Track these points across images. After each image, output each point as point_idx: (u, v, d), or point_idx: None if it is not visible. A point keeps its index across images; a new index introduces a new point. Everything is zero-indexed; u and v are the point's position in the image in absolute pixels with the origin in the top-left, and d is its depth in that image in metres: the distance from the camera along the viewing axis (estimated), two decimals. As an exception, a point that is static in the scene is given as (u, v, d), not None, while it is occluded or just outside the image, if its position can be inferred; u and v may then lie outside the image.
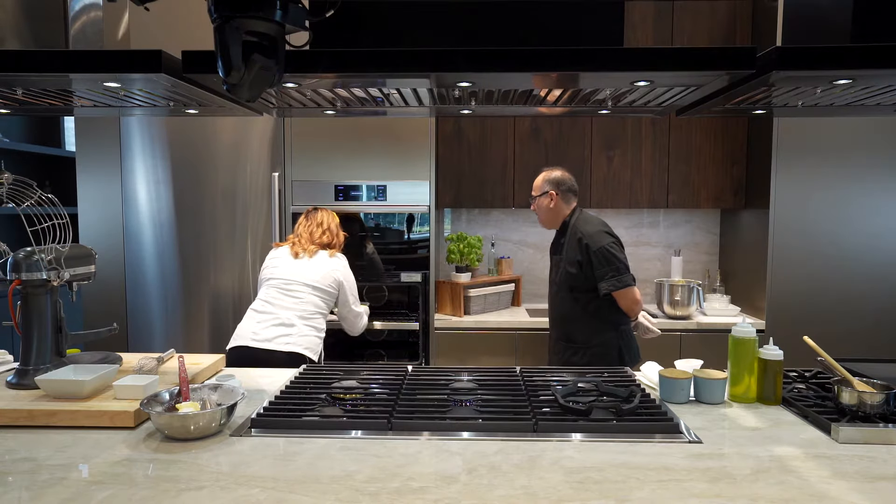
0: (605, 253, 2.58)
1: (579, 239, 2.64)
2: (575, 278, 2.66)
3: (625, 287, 2.58)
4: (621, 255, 2.62)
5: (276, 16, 1.27)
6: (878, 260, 3.27)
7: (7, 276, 1.82)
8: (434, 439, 1.50)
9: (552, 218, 2.79)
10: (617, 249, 2.62)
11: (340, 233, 2.94)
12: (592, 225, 2.68)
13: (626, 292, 2.59)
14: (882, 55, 1.33)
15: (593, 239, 2.61)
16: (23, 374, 1.81)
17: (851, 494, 1.23)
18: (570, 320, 2.72)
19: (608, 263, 2.57)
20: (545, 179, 2.78)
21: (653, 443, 1.49)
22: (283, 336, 2.61)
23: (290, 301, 2.69)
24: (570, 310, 2.72)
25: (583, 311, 2.67)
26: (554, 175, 2.78)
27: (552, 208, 2.76)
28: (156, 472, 1.33)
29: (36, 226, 1.80)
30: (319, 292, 2.74)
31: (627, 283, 2.58)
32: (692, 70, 1.42)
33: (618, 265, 2.58)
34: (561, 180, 2.76)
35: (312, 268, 2.76)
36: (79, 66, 1.42)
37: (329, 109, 1.92)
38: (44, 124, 4.89)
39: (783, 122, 3.23)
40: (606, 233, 2.66)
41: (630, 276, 2.61)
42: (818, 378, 1.97)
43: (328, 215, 2.94)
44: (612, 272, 2.57)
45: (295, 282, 2.72)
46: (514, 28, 1.55)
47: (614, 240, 2.65)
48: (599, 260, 2.58)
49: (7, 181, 1.77)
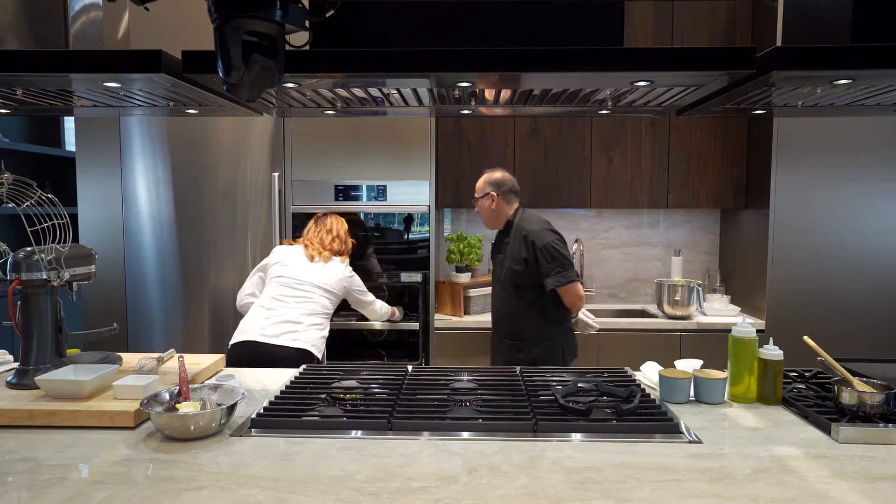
0: (550, 249, 2.64)
1: (525, 237, 2.69)
2: (520, 276, 2.70)
3: (570, 283, 2.63)
4: (566, 252, 2.68)
5: (276, 16, 1.27)
6: (878, 260, 3.27)
7: (7, 276, 1.82)
8: (434, 439, 1.50)
9: (494, 219, 2.85)
10: (561, 246, 2.68)
11: (349, 240, 2.99)
12: (536, 223, 2.74)
13: (571, 288, 2.64)
14: (882, 55, 1.33)
15: (538, 236, 2.67)
16: (23, 374, 1.81)
17: (851, 494, 1.23)
18: (516, 318, 2.76)
19: (553, 260, 2.63)
20: (486, 181, 2.83)
21: (653, 443, 1.49)
22: (290, 332, 2.65)
23: (300, 300, 2.73)
24: (515, 308, 2.76)
25: (528, 309, 2.72)
26: (495, 177, 2.82)
27: (494, 209, 2.81)
28: (156, 472, 1.33)
29: (36, 226, 1.80)
30: (329, 294, 2.81)
31: (572, 278, 2.64)
32: (692, 70, 1.42)
33: (562, 261, 2.64)
34: (501, 181, 2.81)
35: (326, 272, 2.83)
36: (79, 66, 1.42)
37: (329, 109, 1.92)
38: (44, 124, 4.89)
39: (783, 122, 3.23)
40: (551, 230, 2.72)
41: (574, 272, 2.68)
42: (818, 378, 1.97)
43: (337, 222, 2.99)
44: (557, 268, 2.63)
45: (307, 283, 2.77)
46: (514, 28, 1.55)
47: (558, 237, 2.71)
48: (545, 256, 2.64)
49: (7, 181, 1.77)
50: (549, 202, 3.68)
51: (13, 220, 3.92)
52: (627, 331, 3.41)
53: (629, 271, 4.03)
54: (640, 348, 3.35)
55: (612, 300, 4.03)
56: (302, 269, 2.81)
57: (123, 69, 1.41)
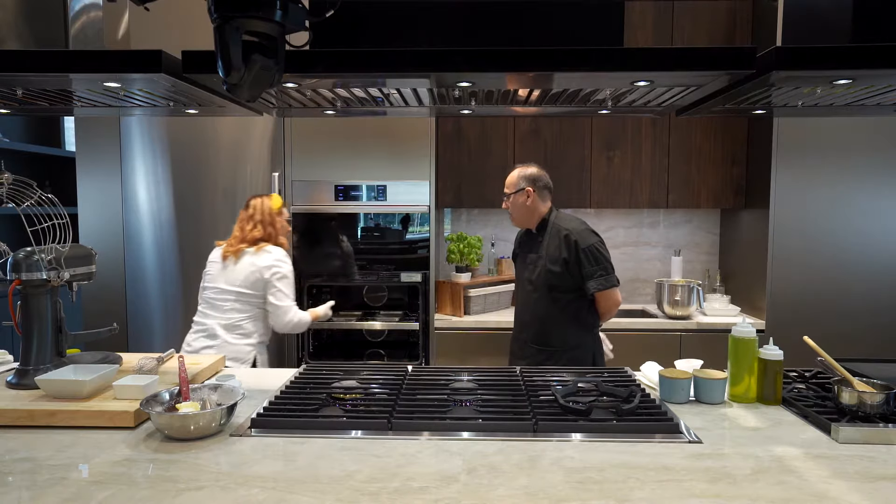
0: (594, 251, 2.53)
1: (566, 236, 2.56)
2: (558, 277, 2.56)
3: (611, 287, 2.54)
4: (608, 255, 2.58)
5: (276, 16, 1.27)
6: (878, 260, 3.27)
7: (7, 276, 1.82)
8: (434, 439, 1.50)
9: (528, 216, 2.68)
10: (605, 248, 2.58)
11: (277, 220, 2.74)
12: (577, 223, 2.62)
13: (612, 293, 2.55)
14: (882, 55, 1.33)
15: (582, 236, 2.55)
16: (23, 374, 1.81)
17: (851, 494, 1.23)
18: (547, 322, 2.62)
19: (597, 262, 2.52)
20: (521, 176, 2.67)
21: (653, 443, 1.49)
22: (207, 347, 2.59)
23: (216, 311, 2.65)
24: (546, 311, 2.61)
25: (560, 313, 2.59)
26: (530, 171, 2.68)
27: (529, 206, 2.65)
28: (156, 472, 1.33)
29: (36, 226, 1.80)
30: (243, 298, 2.63)
31: (614, 283, 2.54)
32: (692, 70, 1.42)
33: (605, 264, 2.53)
34: (537, 176, 2.66)
35: (236, 272, 2.64)
36: (79, 66, 1.42)
37: (329, 109, 1.92)
38: (44, 124, 4.89)
39: (783, 122, 3.23)
40: (593, 231, 2.61)
41: (616, 276, 2.58)
42: (818, 378, 1.97)
43: (261, 203, 2.74)
44: (600, 271, 2.52)
45: (220, 290, 2.65)
46: (514, 28, 1.55)
47: (600, 239, 2.60)
48: (588, 258, 2.52)
49: (7, 181, 1.77)
50: (549, 202, 3.67)
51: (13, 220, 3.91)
52: (627, 331, 3.41)
53: (629, 271, 4.02)
54: (640, 348, 3.35)
55: (612, 300, 4.03)
56: (217, 275, 2.67)
57: (123, 69, 1.41)
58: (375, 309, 3.58)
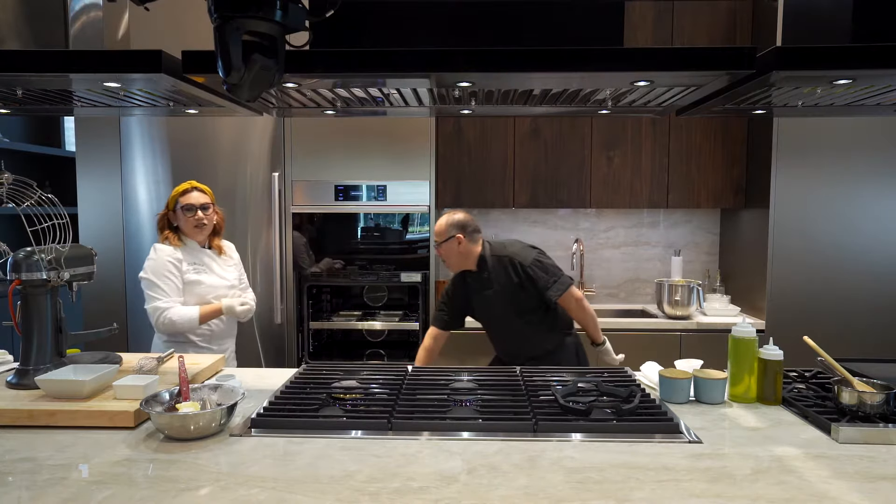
0: (538, 264, 2.59)
1: (510, 260, 2.60)
2: (520, 301, 2.61)
3: (567, 288, 2.58)
4: (551, 261, 2.64)
5: (276, 16, 1.27)
6: (878, 260, 3.27)
7: (7, 276, 1.82)
8: (434, 439, 1.50)
9: (464, 260, 2.68)
10: (545, 257, 2.64)
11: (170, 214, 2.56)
12: (511, 247, 2.66)
13: (570, 293, 2.59)
14: (882, 55, 1.33)
15: (521, 256, 2.61)
16: (23, 374, 1.81)
17: (851, 494, 1.23)
18: (530, 341, 2.66)
19: (546, 272, 2.58)
20: (448, 224, 2.67)
21: (653, 443, 1.49)
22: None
23: None
24: (523, 333, 2.66)
25: (538, 328, 2.65)
26: (456, 218, 2.67)
27: (462, 251, 2.66)
28: (156, 472, 1.33)
29: (36, 226, 1.80)
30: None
31: (568, 283, 2.59)
32: (692, 70, 1.42)
33: (553, 271, 2.60)
34: (465, 223, 2.67)
35: None
36: (79, 66, 1.42)
37: (329, 109, 1.92)
38: (44, 124, 4.88)
39: (783, 122, 3.23)
40: (529, 246, 2.67)
41: (567, 276, 2.62)
42: (818, 378, 1.97)
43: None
44: (552, 279, 2.58)
45: None
46: (514, 28, 1.55)
47: (538, 250, 2.67)
48: (536, 272, 2.57)
49: (7, 181, 1.77)
50: (549, 202, 3.68)
51: (13, 220, 3.92)
52: (627, 331, 3.41)
53: (629, 271, 4.03)
54: (640, 348, 3.34)
55: (612, 300, 4.03)
56: None
57: (123, 69, 1.41)
58: (375, 309, 3.58)
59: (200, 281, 2.51)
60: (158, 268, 2.45)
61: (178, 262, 2.48)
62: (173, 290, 2.45)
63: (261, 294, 3.34)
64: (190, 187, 2.53)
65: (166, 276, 2.45)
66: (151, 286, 2.45)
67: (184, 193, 2.52)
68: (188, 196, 2.51)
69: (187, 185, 2.54)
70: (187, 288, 2.49)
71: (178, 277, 2.47)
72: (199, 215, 2.51)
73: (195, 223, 2.51)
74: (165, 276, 2.45)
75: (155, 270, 2.45)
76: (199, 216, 2.51)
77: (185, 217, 2.51)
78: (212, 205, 2.57)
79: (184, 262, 2.50)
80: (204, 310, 2.47)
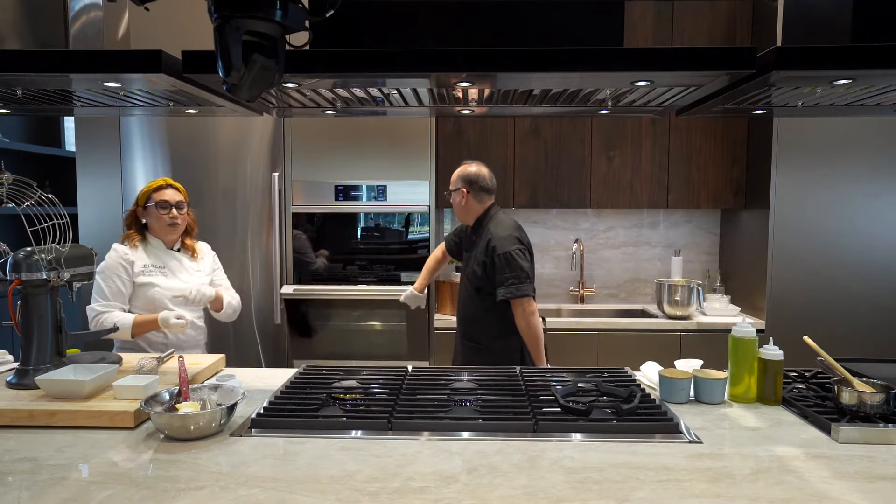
0: (508, 258, 2.49)
1: (488, 240, 2.56)
2: (480, 279, 2.58)
3: (522, 296, 2.47)
4: (525, 264, 2.52)
5: (276, 16, 1.27)
6: (878, 260, 3.27)
7: (7, 276, 1.82)
8: (434, 439, 1.50)
9: (464, 214, 2.70)
10: (521, 257, 2.52)
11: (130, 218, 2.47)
12: (504, 228, 2.58)
13: (523, 302, 2.47)
14: (882, 55, 1.34)
15: (501, 242, 2.52)
16: (23, 374, 1.81)
17: (851, 494, 1.23)
18: (473, 320, 2.64)
19: (510, 270, 2.48)
20: (459, 175, 2.67)
21: (653, 443, 1.49)
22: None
23: None
24: (472, 310, 2.64)
25: (485, 313, 2.59)
26: (469, 171, 2.65)
27: (463, 205, 2.67)
28: (156, 472, 1.33)
29: (36, 226, 1.80)
30: None
31: (526, 292, 2.47)
32: (692, 70, 1.42)
33: (518, 273, 2.48)
34: (474, 178, 2.63)
35: None
36: (79, 66, 1.42)
37: (329, 109, 1.92)
38: (44, 124, 4.88)
39: (783, 122, 3.23)
40: (516, 237, 2.56)
41: (530, 286, 2.50)
42: (818, 378, 1.97)
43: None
44: (512, 279, 2.48)
45: None
46: (514, 28, 1.55)
47: (522, 246, 2.55)
48: (501, 264, 2.49)
49: (7, 181, 1.77)
50: (549, 202, 3.68)
51: (13, 220, 3.92)
52: (627, 331, 3.41)
53: (629, 271, 4.03)
54: (640, 348, 3.35)
55: (612, 300, 4.03)
56: None
57: (123, 69, 1.41)
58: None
59: (154, 284, 2.37)
60: (106, 269, 2.35)
61: (130, 264, 2.37)
62: (115, 293, 2.34)
63: (261, 294, 3.35)
64: (164, 184, 2.43)
65: (111, 278, 2.34)
66: (96, 287, 2.35)
67: (157, 190, 2.41)
68: (162, 192, 2.41)
69: (161, 182, 2.44)
70: (137, 291, 2.37)
71: (124, 281, 2.35)
72: (174, 213, 2.41)
73: (169, 221, 2.41)
74: (111, 278, 2.34)
75: (102, 271, 2.35)
76: (174, 214, 2.41)
77: (158, 214, 2.40)
78: (186, 204, 2.48)
79: (137, 264, 2.38)
80: (139, 319, 2.31)
